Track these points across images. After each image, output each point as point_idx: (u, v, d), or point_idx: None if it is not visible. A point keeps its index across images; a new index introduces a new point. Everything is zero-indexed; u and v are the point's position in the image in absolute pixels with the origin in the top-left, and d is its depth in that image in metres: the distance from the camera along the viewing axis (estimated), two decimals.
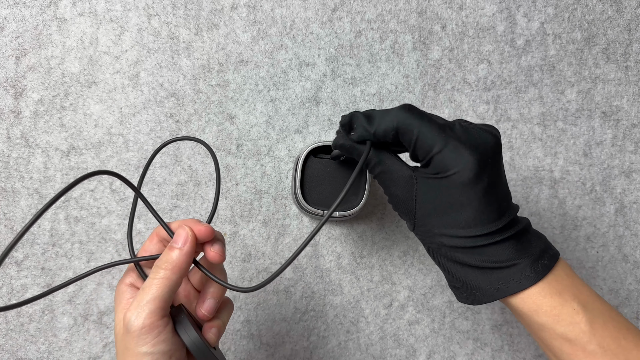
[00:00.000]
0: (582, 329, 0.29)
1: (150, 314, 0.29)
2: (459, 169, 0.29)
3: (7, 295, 0.48)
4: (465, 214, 0.30)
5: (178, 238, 0.31)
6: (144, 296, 0.29)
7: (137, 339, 0.28)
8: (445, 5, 0.52)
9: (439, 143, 0.30)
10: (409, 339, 0.53)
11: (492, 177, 0.30)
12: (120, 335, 0.30)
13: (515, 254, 0.30)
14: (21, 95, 0.48)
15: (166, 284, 0.30)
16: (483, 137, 0.31)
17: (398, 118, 0.31)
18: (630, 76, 0.54)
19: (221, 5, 0.49)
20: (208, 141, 0.50)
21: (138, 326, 0.28)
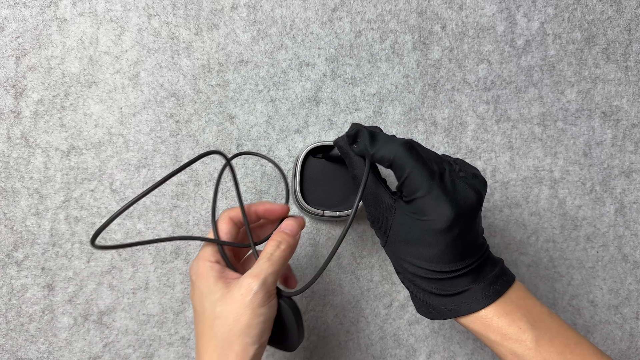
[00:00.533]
0: (528, 346, 0.32)
1: (273, 283, 0.35)
2: (435, 218, 0.32)
3: (7, 295, 0.48)
4: (431, 252, 0.33)
5: (292, 228, 0.38)
6: (267, 267, 0.35)
7: (259, 300, 0.34)
8: (445, 5, 0.52)
9: (425, 188, 0.32)
10: (409, 339, 0.53)
11: (464, 228, 0.33)
12: (218, 296, 0.34)
13: (468, 282, 0.33)
14: (21, 95, 0.48)
15: (284, 263, 0.36)
16: (466, 194, 0.33)
17: (396, 153, 0.33)
18: (630, 76, 0.54)
19: (221, 5, 0.49)
20: (208, 141, 0.50)
21: (263, 290, 0.34)
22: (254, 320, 0.34)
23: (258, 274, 0.34)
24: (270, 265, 0.35)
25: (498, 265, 0.35)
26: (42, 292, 0.48)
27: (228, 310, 0.34)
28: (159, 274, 0.50)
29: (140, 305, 0.50)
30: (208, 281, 0.35)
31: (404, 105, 0.52)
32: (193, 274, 0.37)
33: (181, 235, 0.37)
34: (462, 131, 0.53)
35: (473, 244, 0.34)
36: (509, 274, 0.35)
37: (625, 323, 0.55)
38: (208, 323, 0.35)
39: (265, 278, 0.34)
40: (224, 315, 0.34)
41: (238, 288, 0.34)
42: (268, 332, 0.35)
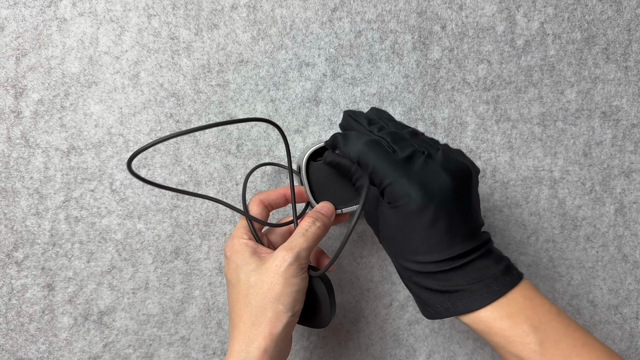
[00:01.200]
0: (532, 349, 0.31)
1: (307, 256, 0.37)
2: (404, 202, 0.32)
3: (7, 295, 0.48)
4: (413, 242, 0.33)
5: (327, 210, 0.41)
6: (303, 242, 0.37)
7: (293, 271, 0.36)
8: (445, 5, 0.52)
9: (390, 177, 0.33)
10: (409, 339, 0.53)
11: (442, 213, 0.32)
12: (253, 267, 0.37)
13: (465, 280, 0.33)
14: (21, 95, 0.48)
15: (318, 239, 0.39)
16: (438, 177, 0.33)
17: (359, 151, 0.34)
18: (630, 76, 0.54)
19: (221, 5, 0.49)
20: (208, 141, 0.50)
21: (297, 262, 0.36)
22: (287, 289, 0.35)
23: (292, 247, 0.37)
24: (304, 240, 0.37)
25: (502, 264, 0.33)
26: (42, 292, 0.48)
27: (262, 279, 0.36)
28: (159, 274, 0.50)
29: (140, 305, 0.50)
30: (243, 255, 0.38)
31: (404, 105, 0.52)
32: (228, 250, 0.39)
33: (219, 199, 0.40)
34: (462, 131, 0.53)
35: (460, 231, 0.33)
36: (514, 274, 0.34)
37: (625, 323, 0.55)
38: (243, 292, 0.37)
39: (299, 252, 0.36)
40: (258, 284, 0.36)
41: (273, 259, 0.36)
42: (300, 302, 0.37)
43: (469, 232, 0.33)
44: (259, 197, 0.42)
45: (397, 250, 0.35)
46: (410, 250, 0.34)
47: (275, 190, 0.43)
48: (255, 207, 0.42)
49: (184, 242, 0.50)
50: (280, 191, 0.43)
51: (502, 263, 0.34)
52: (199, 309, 0.51)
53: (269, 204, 0.42)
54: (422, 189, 0.32)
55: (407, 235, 0.33)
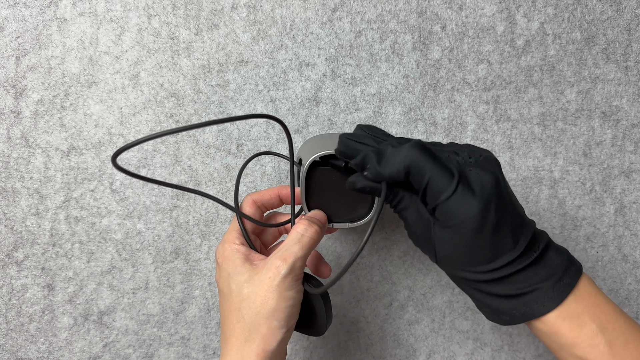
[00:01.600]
0: (601, 351, 0.29)
1: (301, 266, 0.35)
2: (465, 218, 0.29)
3: (7, 295, 0.48)
4: (481, 253, 0.30)
5: (321, 217, 0.39)
6: (297, 250, 0.35)
7: (287, 284, 0.34)
8: (445, 5, 0.52)
9: (449, 190, 0.29)
10: (409, 339, 0.53)
11: (498, 214, 0.30)
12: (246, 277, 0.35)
13: (536, 277, 0.30)
14: (21, 95, 0.48)
15: (314, 245, 0.36)
16: (484, 181, 0.30)
17: (410, 158, 0.30)
18: (630, 76, 0.54)
19: (221, 5, 0.49)
20: (208, 141, 0.50)
21: (292, 273, 0.34)
22: (281, 304, 0.33)
23: (287, 257, 0.34)
24: (300, 247, 0.35)
25: (564, 254, 0.31)
26: (42, 292, 0.48)
27: (255, 292, 0.34)
28: (159, 274, 0.50)
29: (140, 305, 0.50)
30: (234, 263, 0.36)
31: (404, 105, 0.52)
32: (219, 256, 0.37)
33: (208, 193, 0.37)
34: (462, 131, 0.53)
35: (519, 225, 0.31)
36: (576, 264, 0.32)
37: None
38: (235, 305, 0.35)
39: (294, 261, 0.34)
40: (251, 297, 0.34)
41: (266, 270, 0.34)
42: (295, 316, 0.35)
43: (524, 224, 0.31)
44: (251, 197, 0.40)
45: (462, 265, 0.32)
46: (476, 261, 0.31)
47: (269, 189, 0.41)
48: (248, 207, 0.39)
49: (184, 242, 0.50)
50: (274, 191, 0.40)
51: (563, 253, 0.32)
52: (199, 309, 0.51)
53: (262, 204, 0.40)
54: (479, 198, 0.29)
55: (471, 248, 0.31)
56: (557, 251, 0.32)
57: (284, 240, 0.37)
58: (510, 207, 0.31)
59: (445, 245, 0.32)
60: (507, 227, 0.30)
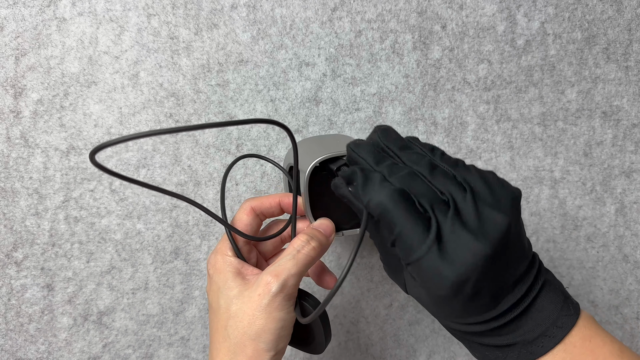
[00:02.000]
0: None
1: (294, 285, 0.31)
2: (436, 285, 0.26)
3: (6, 296, 0.48)
4: (454, 314, 0.28)
5: (326, 228, 0.35)
6: (291, 267, 0.31)
7: (277, 304, 0.31)
8: (446, 5, 0.52)
9: (419, 251, 0.25)
10: (409, 339, 0.53)
11: (478, 286, 0.25)
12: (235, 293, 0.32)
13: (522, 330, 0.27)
14: (21, 95, 0.47)
15: (310, 262, 0.33)
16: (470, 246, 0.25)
17: (380, 205, 0.26)
18: (630, 76, 0.54)
19: (221, 5, 0.49)
20: (208, 141, 0.50)
21: (283, 292, 0.31)
22: (269, 325, 0.31)
23: (279, 274, 0.31)
24: (294, 264, 0.32)
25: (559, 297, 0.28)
26: (42, 292, 0.48)
27: (243, 310, 0.31)
28: (158, 274, 0.50)
29: (139, 305, 0.50)
30: (225, 276, 0.33)
31: (404, 105, 0.52)
32: (210, 267, 0.35)
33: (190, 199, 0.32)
34: (463, 131, 0.52)
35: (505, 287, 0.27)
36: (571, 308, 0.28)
37: (626, 323, 0.55)
38: (222, 322, 0.33)
39: (286, 279, 0.31)
40: (239, 315, 0.31)
41: (255, 287, 0.32)
42: (286, 338, 0.33)
43: (518, 276, 0.27)
44: (250, 204, 0.36)
45: (436, 315, 0.30)
46: (451, 317, 0.28)
47: (269, 196, 0.37)
48: (245, 215, 0.36)
49: (184, 242, 0.50)
50: (274, 198, 0.37)
51: (557, 297, 0.28)
52: (198, 309, 0.51)
53: (261, 212, 0.37)
54: (456, 266, 0.25)
55: (442, 309, 0.28)
56: (553, 295, 0.28)
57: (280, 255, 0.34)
58: (499, 274, 0.26)
59: (415, 294, 0.29)
60: (487, 293, 0.26)
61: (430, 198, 0.26)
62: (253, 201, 0.37)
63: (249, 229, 0.36)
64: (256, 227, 0.37)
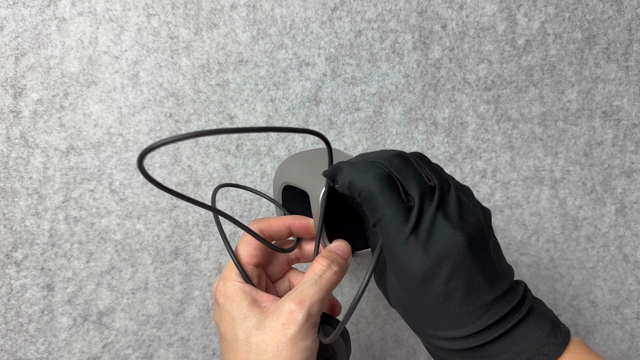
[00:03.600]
0: None
1: (319, 312, 0.30)
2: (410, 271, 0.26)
3: (6, 296, 0.48)
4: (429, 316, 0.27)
5: (344, 251, 0.34)
6: (314, 293, 0.30)
7: (304, 332, 0.29)
8: (446, 4, 0.52)
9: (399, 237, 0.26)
10: (409, 340, 0.53)
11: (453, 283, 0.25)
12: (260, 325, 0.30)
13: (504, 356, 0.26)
14: (20, 95, 0.47)
15: (332, 287, 0.31)
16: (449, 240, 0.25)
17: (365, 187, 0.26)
18: (630, 76, 0.54)
19: (221, 4, 0.49)
20: (207, 141, 0.50)
21: (309, 321, 0.29)
22: (296, 356, 0.29)
23: (302, 300, 0.29)
24: (317, 290, 0.30)
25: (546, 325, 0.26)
26: (42, 292, 0.48)
27: (266, 342, 0.29)
28: (158, 274, 0.50)
29: (139, 305, 0.50)
30: (240, 305, 0.31)
31: (404, 105, 0.52)
32: (220, 296, 0.32)
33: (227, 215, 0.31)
34: (463, 131, 0.52)
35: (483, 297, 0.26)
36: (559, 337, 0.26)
37: (626, 323, 0.54)
38: (242, 355, 0.30)
39: (310, 306, 0.29)
40: (261, 348, 0.29)
41: (277, 315, 0.30)
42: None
43: (497, 295, 0.26)
44: (257, 226, 0.34)
45: (413, 324, 0.29)
46: (428, 324, 0.27)
47: (278, 218, 0.35)
48: (250, 237, 0.34)
49: (184, 243, 0.50)
50: (284, 221, 0.35)
51: (544, 324, 0.26)
52: (198, 309, 0.51)
53: (269, 235, 0.35)
54: (430, 256, 0.25)
55: (419, 309, 0.27)
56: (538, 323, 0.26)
57: (300, 280, 0.33)
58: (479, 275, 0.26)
59: (395, 296, 0.29)
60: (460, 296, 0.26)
61: (418, 181, 0.27)
62: (260, 223, 0.35)
63: (255, 254, 0.34)
64: (265, 251, 0.35)
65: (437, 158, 0.52)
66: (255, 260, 0.34)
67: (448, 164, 0.52)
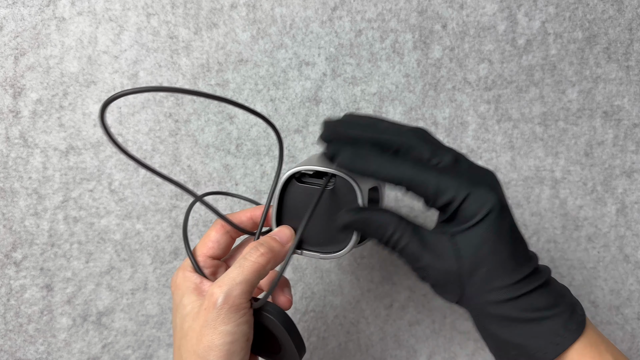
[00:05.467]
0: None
1: (240, 294, 0.29)
2: (487, 212, 0.27)
3: (5, 296, 0.47)
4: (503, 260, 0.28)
5: (283, 235, 0.33)
6: (237, 276, 0.29)
7: (223, 316, 0.28)
8: (446, 4, 0.51)
9: (463, 191, 0.27)
10: (410, 340, 0.53)
11: (511, 218, 0.29)
12: (190, 310, 0.30)
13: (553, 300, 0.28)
14: (20, 95, 0.47)
15: (259, 270, 0.30)
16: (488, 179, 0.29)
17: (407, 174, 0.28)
18: (631, 76, 0.53)
19: (220, 4, 0.49)
20: (207, 141, 0.50)
21: (228, 303, 0.29)
22: (216, 341, 0.28)
23: (222, 284, 0.29)
24: (239, 272, 0.30)
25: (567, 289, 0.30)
26: (41, 292, 0.48)
27: (192, 327, 0.29)
28: (157, 274, 0.50)
29: (139, 306, 0.50)
30: (182, 292, 0.32)
31: (405, 104, 0.52)
32: (172, 285, 0.33)
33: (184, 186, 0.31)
34: (463, 131, 0.52)
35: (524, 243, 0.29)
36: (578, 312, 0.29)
37: (627, 324, 0.54)
38: (177, 342, 0.31)
39: (230, 289, 0.29)
40: (189, 333, 0.30)
41: (203, 300, 0.30)
42: (240, 354, 0.30)
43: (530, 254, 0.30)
44: (220, 221, 0.35)
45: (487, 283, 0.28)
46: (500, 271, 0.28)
47: (242, 211, 0.35)
48: (214, 232, 0.34)
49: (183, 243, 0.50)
50: (246, 213, 0.35)
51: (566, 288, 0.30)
52: None
53: (231, 228, 0.35)
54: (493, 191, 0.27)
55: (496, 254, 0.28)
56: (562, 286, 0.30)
57: None
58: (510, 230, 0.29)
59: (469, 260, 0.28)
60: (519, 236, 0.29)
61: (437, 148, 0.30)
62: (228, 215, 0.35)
63: (216, 246, 0.34)
64: (224, 245, 0.35)
65: None
66: (211, 252, 0.34)
67: None
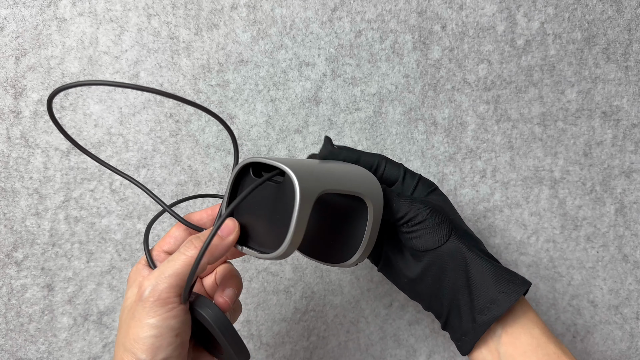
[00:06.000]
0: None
1: (168, 288, 0.28)
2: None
3: (6, 296, 0.48)
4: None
5: (224, 228, 0.31)
6: (166, 269, 0.29)
7: (148, 309, 0.28)
8: (446, 5, 0.52)
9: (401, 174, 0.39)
10: (409, 339, 0.53)
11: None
12: (129, 304, 0.30)
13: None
14: (21, 95, 0.47)
15: (188, 261, 0.29)
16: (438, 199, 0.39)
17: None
18: (630, 76, 0.54)
19: (221, 5, 0.49)
20: (207, 141, 0.50)
21: (153, 296, 0.28)
22: (142, 334, 0.28)
23: (152, 277, 0.29)
24: (170, 266, 0.29)
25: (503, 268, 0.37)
26: (42, 292, 0.48)
27: (125, 320, 0.30)
28: None
29: None
30: (129, 285, 0.32)
31: (404, 105, 0.52)
32: (128, 280, 0.33)
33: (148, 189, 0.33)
34: (462, 131, 0.53)
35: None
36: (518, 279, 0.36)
37: (626, 323, 0.55)
38: (117, 334, 0.31)
39: (156, 283, 0.28)
40: (122, 327, 0.30)
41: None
42: (167, 348, 0.28)
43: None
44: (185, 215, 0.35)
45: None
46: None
47: (205, 209, 0.35)
48: (174, 228, 0.34)
49: None
50: (207, 210, 0.35)
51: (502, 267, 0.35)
52: None
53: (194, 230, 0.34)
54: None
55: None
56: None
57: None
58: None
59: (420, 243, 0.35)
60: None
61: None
62: (191, 216, 0.35)
63: (173, 242, 0.34)
64: (181, 240, 0.34)
65: (436, 158, 0.52)
66: (167, 247, 0.34)
67: (448, 164, 0.52)
